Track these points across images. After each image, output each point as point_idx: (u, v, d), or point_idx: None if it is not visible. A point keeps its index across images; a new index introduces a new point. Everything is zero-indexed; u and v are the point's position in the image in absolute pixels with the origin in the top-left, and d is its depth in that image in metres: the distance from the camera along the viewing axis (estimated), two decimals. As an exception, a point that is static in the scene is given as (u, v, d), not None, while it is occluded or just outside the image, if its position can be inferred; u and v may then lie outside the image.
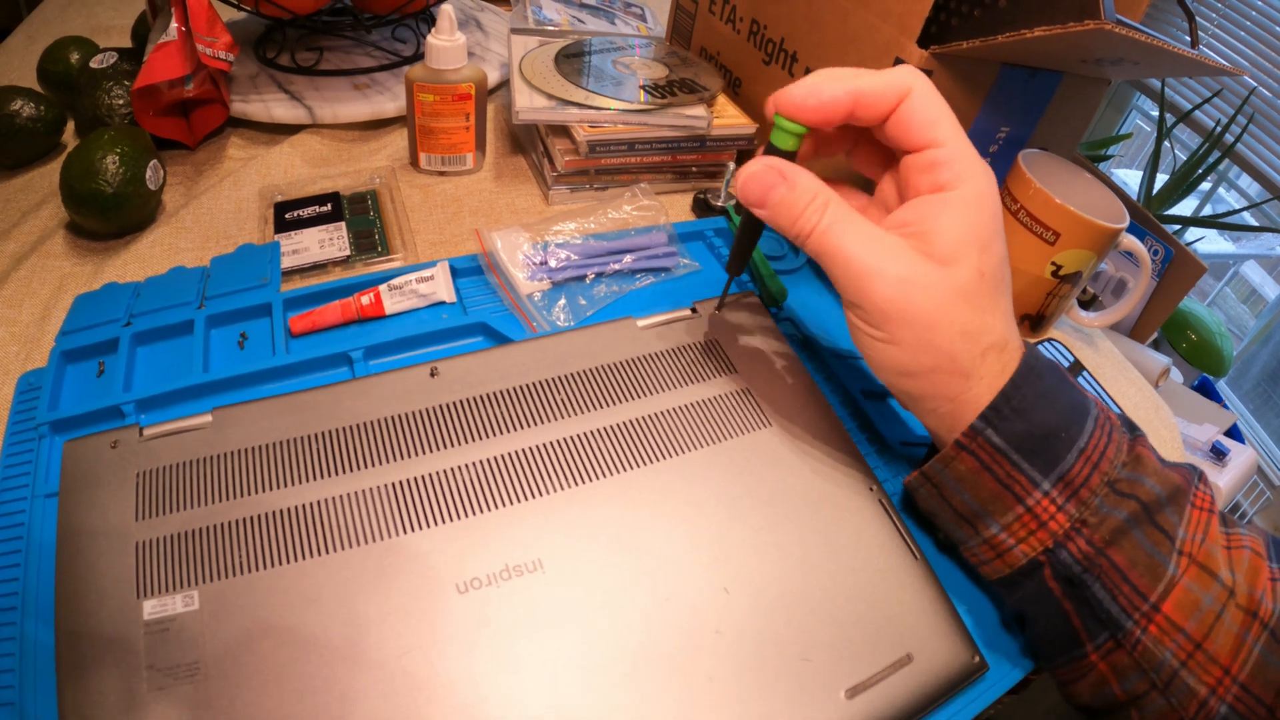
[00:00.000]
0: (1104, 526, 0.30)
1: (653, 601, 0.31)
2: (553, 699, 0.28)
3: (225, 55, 0.54)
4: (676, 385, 0.38)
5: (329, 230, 0.48)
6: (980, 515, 0.32)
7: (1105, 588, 0.30)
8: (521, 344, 0.39)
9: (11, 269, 0.48)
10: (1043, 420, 0.30)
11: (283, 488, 0.33)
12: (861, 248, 0.31)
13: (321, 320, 0.41)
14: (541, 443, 0.35)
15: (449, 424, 0.35)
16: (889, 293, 0.30)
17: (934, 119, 0.31)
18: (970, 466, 0.31)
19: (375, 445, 0.34)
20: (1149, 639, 0.29)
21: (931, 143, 0.31)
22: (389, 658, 0.29)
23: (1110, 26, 0.39)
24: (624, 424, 0.36)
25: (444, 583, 0.30)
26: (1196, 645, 0.29)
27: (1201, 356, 1.25)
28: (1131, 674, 0.30)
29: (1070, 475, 0.30)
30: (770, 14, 0.58)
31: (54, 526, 0.35)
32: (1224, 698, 0.29)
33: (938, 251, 0.30)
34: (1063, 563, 0.30)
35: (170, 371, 0.41)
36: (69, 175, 0.48)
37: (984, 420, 0.30)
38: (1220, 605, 0.29)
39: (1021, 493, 0.30)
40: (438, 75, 0.51)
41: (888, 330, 0.31)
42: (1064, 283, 0.50)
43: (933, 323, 0.30)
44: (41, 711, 0.29)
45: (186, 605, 0.30)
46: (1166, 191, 1.50)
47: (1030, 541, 0.31)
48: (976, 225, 0.30)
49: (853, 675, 0.30)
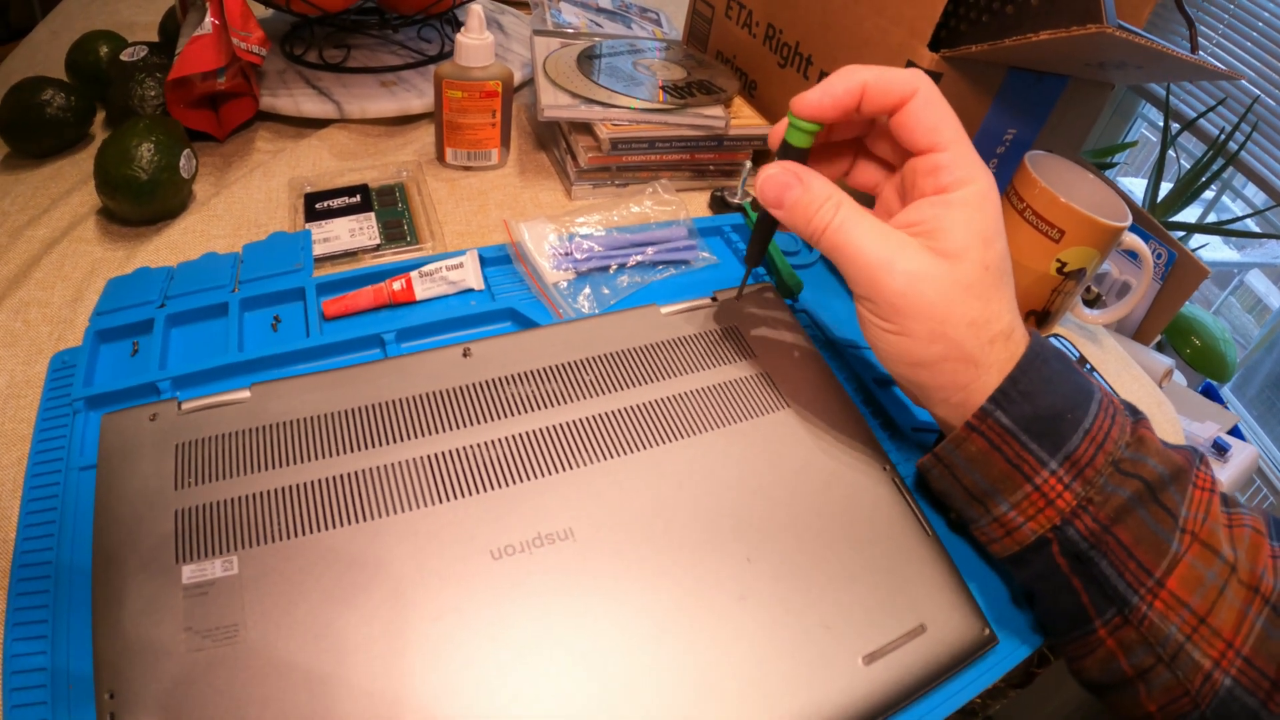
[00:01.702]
0: (1109, 505, 0.31)
1: (678, 569, 0.32)
2: (583, 661, 0.29)
3: (258, 50, 0.55)
4: (699, 368, 0.40)
5: (358, 220, 0.49)
6: (990, 494, 0.33)
7: (1112, 564, 0.31)
8: (551, 327, 0.41)
9: (43, 253, 0.49)
10: (1049, 403, 0.31)
11: (321, 459, 0.34)
12: (872, 243, 0.32)
13: (354, 304, 0.42)
14: (571, 420, 0.36)
15: (482, 401, 0.36)
16: (899, 286, 0.32)
17: (937, 123, 0.33)
18: (980, 447, 0.32)
19: (411, 420, 0.35)
20: (1155, 614, 0.30)
21: (934, 146, 0.33)
22: (426, 619, 0.29)
23: (1112, 30, 0.41)
24: (649, 403, 0.37)
25: (479, 549, 0.31)
26: (1201, 620, 0.30)
27: (1205, 362, 1.26)
28: (1138, 648, 0.31)
29: (1076, 455, 0.31)
30: (785, 18, 0.60)
31: (88, 498, 0.36)
32: (1228, 670, 0.30)
33: (944, 248, 0.32)
34: (1070, 539, 0.31)
35: (204, 352, 0.42)
36: (104, 161, 0.49)
37: (993, 403, 0.32)
38: (1223, 581, 0.30)
39: (1030, 472, 0.32)
40: (466, 72, 0.52)
41: (898, 322, 0.32)
42: (1069, 279, 0.52)
43: (942, 314, 0.31)
44: (77, 674, 0.30)
45: (226, 570, 0.31)
46: (1171, 199, 1.51)
47: (1039, 519, 0.32)
48: (980, 223, 0.32)
49: (870, 643, 0.31)
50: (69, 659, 0.31)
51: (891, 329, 0.33)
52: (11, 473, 0.38)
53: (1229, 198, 2.00)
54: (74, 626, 0.32)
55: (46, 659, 0.31)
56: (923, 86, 0.33)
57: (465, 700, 0.28)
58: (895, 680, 0.31)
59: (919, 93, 0.33)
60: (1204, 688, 0.30)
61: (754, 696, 0.29)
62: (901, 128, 0.33)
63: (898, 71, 0.33)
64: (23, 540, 0.34)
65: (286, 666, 0.28)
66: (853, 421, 0.39)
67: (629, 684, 0.29)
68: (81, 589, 0.33)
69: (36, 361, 0.43)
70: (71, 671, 0.31)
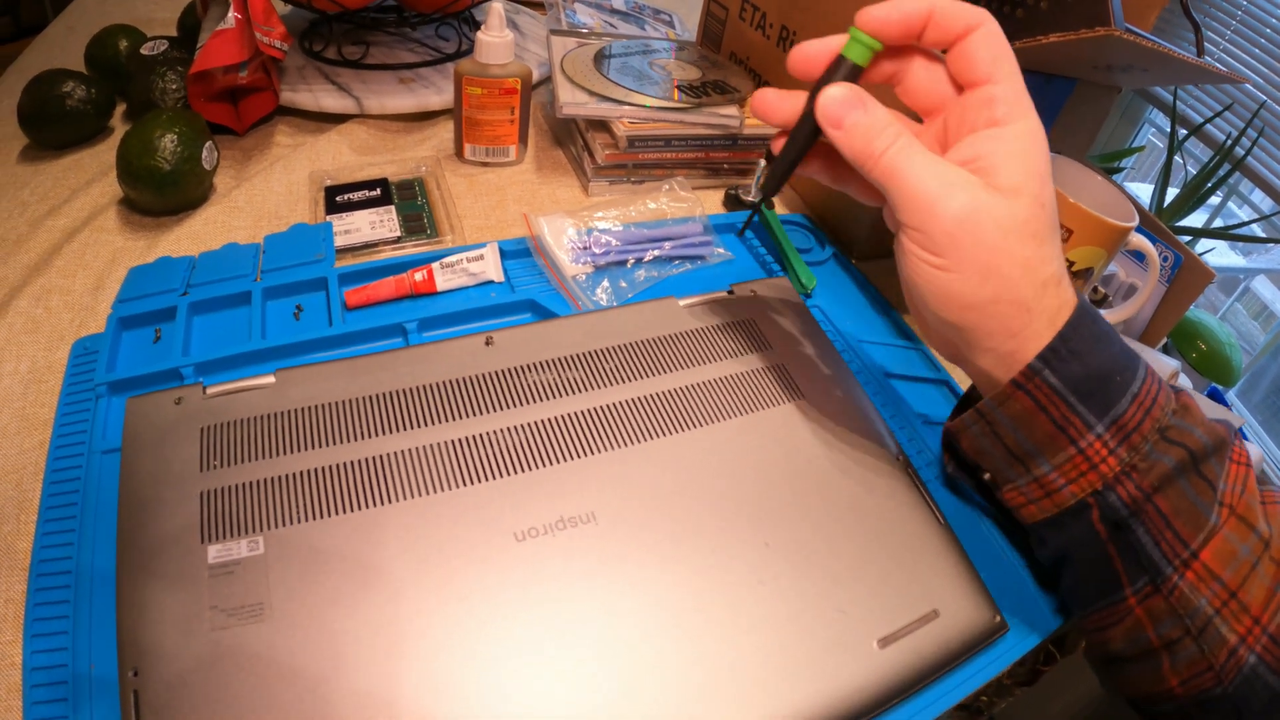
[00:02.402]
0: (1153, 472, 0.30)
1: (698, 552, 0.32)
2: (604, 640, 0.29)
3: (280, 44, 0.55)
4: (716, 359, 0.40)
5: (379, 213, 0.50)
6: (1033, 455, 0.32)
7: (1149, 532, 0.30)
8: (572, 318, 0.41)
9: (64, 241, 0.49)
10: (1099, 363, 0.31)
11: (346, 443, 0.34)
12: (929, 174, 0.31)
13: (376, 294, 0.43)
14: (592, 407, 0.37)
15: (504, 388, 0.37)
16: (956, 216, 0.30)
17: (997, 56, 0.31)
18: (1026, 406, 0.31)
19: (434, 406, 0.36)
20: (1186, 585, 0.30)
21: (991, 78, 0.31)
22: (451, 599, 0.30)
23: (1119, 33, 0.41)
24: (668, 392, 0.38)
25: (503, 531, 0.32)
26: (1231, 594, 0.30)
27: (1211, 366, 1.26)
28: (1167, 619, 0.30)
29: (1124, 420, 0.30)
30: (799, 21, 0.60)
31: (110, 481, 0.36)
32: (1253, 647, 0.29)
33: (1002, 183, 0.30)
34: (1111, 506, 0.31)
35: (227, 339, 0.42)
36: (127, 152, 0.49)
37: (1042, 360, 0.31)
38: (1256, 556, 0.30)
39: (1075, 435, 0.31)
40: (485, 69, 0.53)
41: (950, 257, 0.31)
42: (1076, 279, 0.52)
43: (997, 250, 0.30)
44: (99, 653, 0.30)
45: (252, 550, 0.31)
46: (1177, 204, 1.51)
47: (1080, 483, 0.31)
48: (1035, 158, 0.31)
49: (884, 627, 0.32)
50: (91, 639, 0.31)
51: (941, 264, 0.31)
52: (33, 456, 0.38)
53: (1234, 203, 2.01)
54: (96, 606, 0.32)
55: (68, 639, 0.31)
56: (988, 20, 0.32)
57: (491, 678, 0.28)
58: (909, 664, 0.31)
59: (984, 24, 0.32)
60: (1229, 663, 0.30)
61: (773, 678, 0.29)
62: (962, 57, 0.32)
63: (964, 5, 0.32)
64: (44, 522, 0.35)
65: (312, 644, 0.28)
66: (866, 412, 0.39)
67: (649, 664, 0.29)
68: (104, 569, 0.33)
69: (58, 348, 0.43)
70: (94, 650, 0.31)
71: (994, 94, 0.31)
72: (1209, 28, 1.90)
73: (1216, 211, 2.00)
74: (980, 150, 0.31)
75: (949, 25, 0.32)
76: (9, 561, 0.34)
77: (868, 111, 0.32)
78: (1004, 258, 0.30)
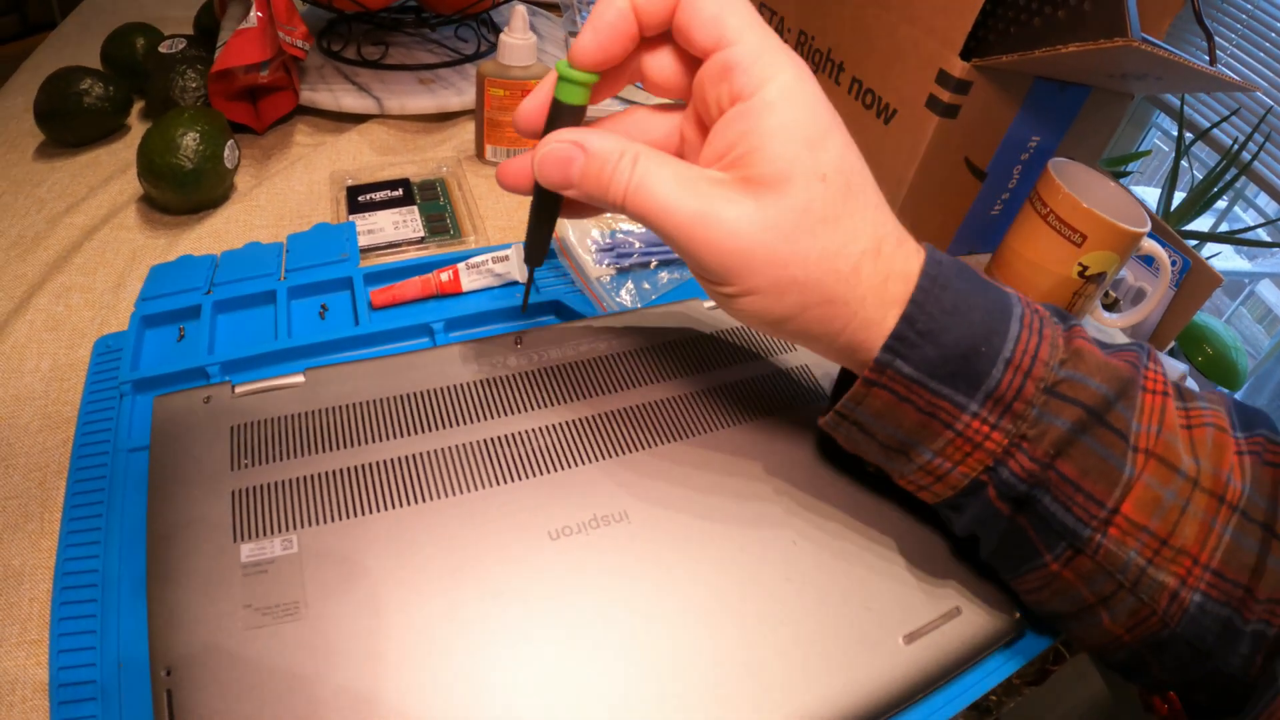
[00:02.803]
0: (1047, 438, 0.27)
1: (728, 550, 0.32)
2: (636, 637, 0.29)
3: (302, 44, 0.55)
4: (743, 360, 0.40)
5: (401, 213, 0.50)
6: (910, 445, 0.29)
7: (1057, 500, 0.27)
8: (600, 318, 0.41)
9: (84, 239, 0.49)
10: (957, 339, 0.27)
11: (378, 442, 0.34)
12: (679, 197, 0.26)
13: (402, 294, 0.43)
14: (622, 408, 0.37)
15: (535, 388, 0.37)
16: (721, 243, 0.26)
17: (719, 13, 0.26)
18: (886, 401, 0.28)
19: (466, 406, 0.36)
20: (1111, 541, 0.27)
21: (720, 42, 0.26)
22: (486, 597, 0.30)
23: (1138, 44, 0.42)
24: (696, 393, 0.38)
25: (537, 530, 0.32)
26: (1162, 541, 0.27)
27: (1216, 370, 1.26)
28: (1098, 576, 0.28)
29: (999, 391, 0.27)
30: (818, 25, 0.60)
31: (136, 479, 0.36)
32: (1196, 586, 0.27)
33: (765, 173, 0.26)
34: (1005, 482, 0.28)
35: (252, 338, 0.42)
36: (148, 149, 0.49)
37: (889, 352, 0.27)
38: (1184, 498, 0.27)
39: (948, 419, 0.27)
40: (507, 71, 0.53)
41: (739, 283, 0.27)
42: (1089, 283, 0.53)
43: (784, 258, 0.26)
44: (127, 653, 0.30)
45: (286, 548, 0.31)
46: (1184, 208, 1.52)
47: (968, 463, 0.28)
48: (796, 125, 0.26)
49: (909, 623, 0.32)
50: (119, 637, 0.31)
51: (734, 290, 0.27)
52: (56, 454, 0.38)
53: (1240, 208, 2.03)
54: (124, 604, 0.32)
55: (96, 638, 0.31)
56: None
57: (525, 676, 0.28)
58: (933, 659, 0.31)
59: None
60: (1171, 607, 0.27)
61: (802, 673, 0.30)
62: (680, 31, 0.27)
63: None
64: (70, 520, 0.34)
65: (347, 643, 0.28)
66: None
67: (680, 659, 0.29)
68: (131, 568, 0.33)
69: (79, 346, 0.43)
70: (122, 650, 0.31)
71: (729, 60, 0.26)
72: (1216, 34, 1.92)
73: (1223, 216, 2.01)
74: (732, 135, 0.27)
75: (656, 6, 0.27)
76: (34, 560, 0.34)
77: (590, 154, 0.28)
78: (795, 261, 0.26)
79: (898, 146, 0.54)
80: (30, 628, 0.32)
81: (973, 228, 0.60)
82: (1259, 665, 0.27)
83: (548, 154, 0.29)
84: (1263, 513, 0.28)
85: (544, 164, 0.29)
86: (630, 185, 0.27)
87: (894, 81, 0.53)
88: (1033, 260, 0.54)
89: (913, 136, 0.52)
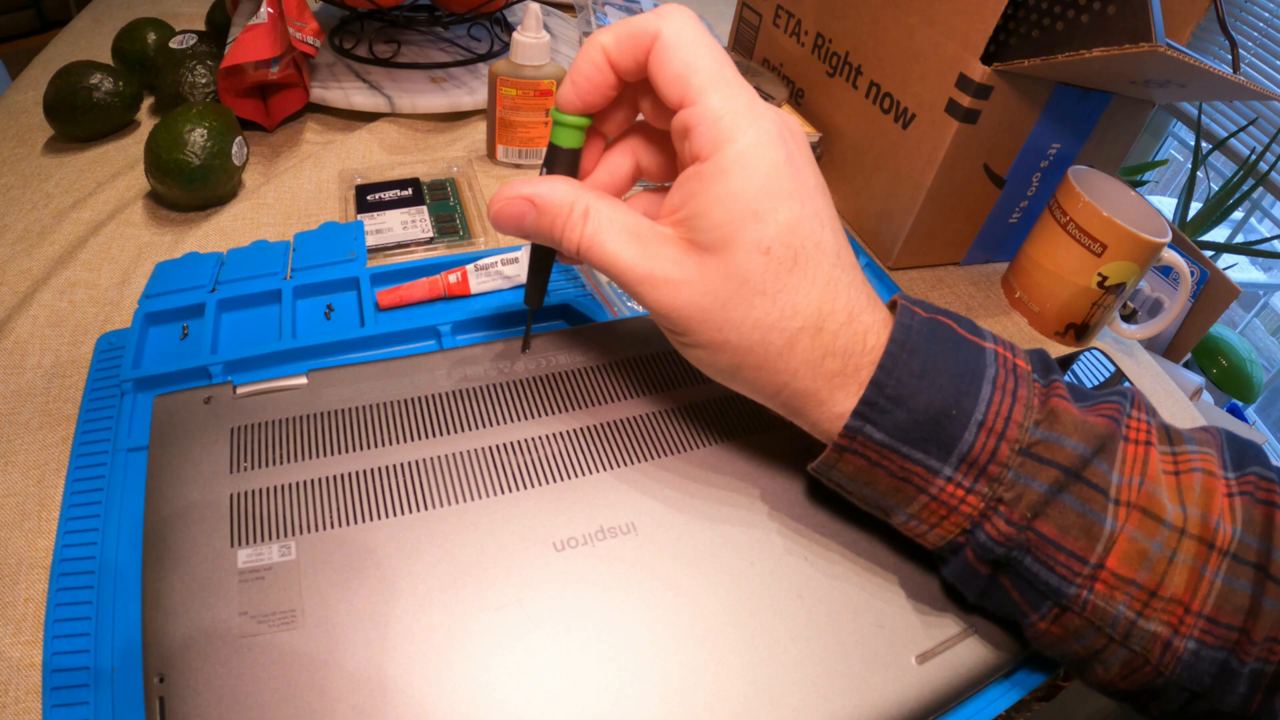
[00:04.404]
0: (1023, 501, 0.27)
1: (738, 565, 0.32)
2: (643, 652, 0.29)
3: (313, 41, 0.55)
4: (760, 373, 0.39)
5: (410, 213, 0.49)
6: (887, 507, 0.29)
7: (1039, 560, 0.27)
8: (610, 324, 0.40)
9: (90, 235, 0.49)
10: (927, 402, 0.27)
11: (381, 447, 0.33)
12: (628, 254, 0.27)
13: (409, 296, 0.42)
14: (632, 416, 0.36)
15: (542, 394, 0.36)
16: (666, 300, 0.27)
17: (683, 71, 0.26)
18: (858, 465, 0.28)
19: (472, 411, 0.35)
20: (1098, 597, 0.27)
21: (681, 100, 0.26)
22: (488, 608, 0.29)
23: (1163, 49, 0.41)
24: (707, 402, 0.37)
25: (541, 540, 0.31)
26: (1151, 593, 0.27)
27: (1232, 382, 1.25)
28: (1086, 632, 0.28)
29: (972, 454, 0.27)
30: (835, 28, 0.59)
31: (135, 479, 0.35)
32: (1189, 634, 0.27)
33: (707, 240, 0.26)
34: (982, 545, 0.28)
35: (256, 338, 0.41)
36: (156, 145, 0.49)
37: (859, 418, 0.27)
38: (1170, 548, 0.27)
39: (922, 483, 0.27)
40: (520, 70, 0.52)
41: (685, 335, 0.28)
42: (1109, 293, 0.52)
43: (719, 323, 0.27)
44: (121, 657, 0.30)
45: (283, 555, 0.30)
46: (1200, 218, 1.51)
47: (944, 526, 0.28)
48: (744, 195, 0.26)
49: (922, 643, 0.31)
50: (113, 641, 0.30)
51: (685, 341, 0.28)
52: (55, 452, 0.37)
53: (1256, 218, 2.01)
54: (119, 607, 0.31)
55: (90, 640, 0.30)
56: (665, 28, 0.26)
57: (526, 689, 0.27)
58: (946, 680, 0.30)
59: (660, 36, 0.26)
60: (1165, 656, 0.27)
61: (813, 692, 0.29)
62: (652, 82, 0.27)
63: (639, 18, 0.27)
64: (67, 520, 0.34)
65: (345, 653, 0.28)
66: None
67: (688, 676, 0.28)
68: (128, 569, 0.32)
69: (82, 342, 0.43)
70: (116, 654, 0.30)
71: (688, 119, 0.26)
72: (1238, 42, 1.91)
73: (1239, 226, 1.99)
74: (685, 194, 0.27)
75: (631, 54, 0.27)
76: (30, 559, 0.33)
77: (541, 209, 0.29)
78: (726, 330, 0.27)
79: (916, 151, 0.53)
80: (25, 627, 0.31)
81: (991, 235, 0.59)
82: (1258, 703, 0.27)
83: (500, 209, 0.30)
84: (1255, 553, 0.27)
85: (498, 218, 0.30)
86: (583, 239, 0.28)
87: (913, 85, 0.52)
88: (1051, 270, 0.53)
89: (931, 142, 0.51)
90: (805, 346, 0.27)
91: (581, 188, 0.29)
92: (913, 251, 0.57)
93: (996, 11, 0.46)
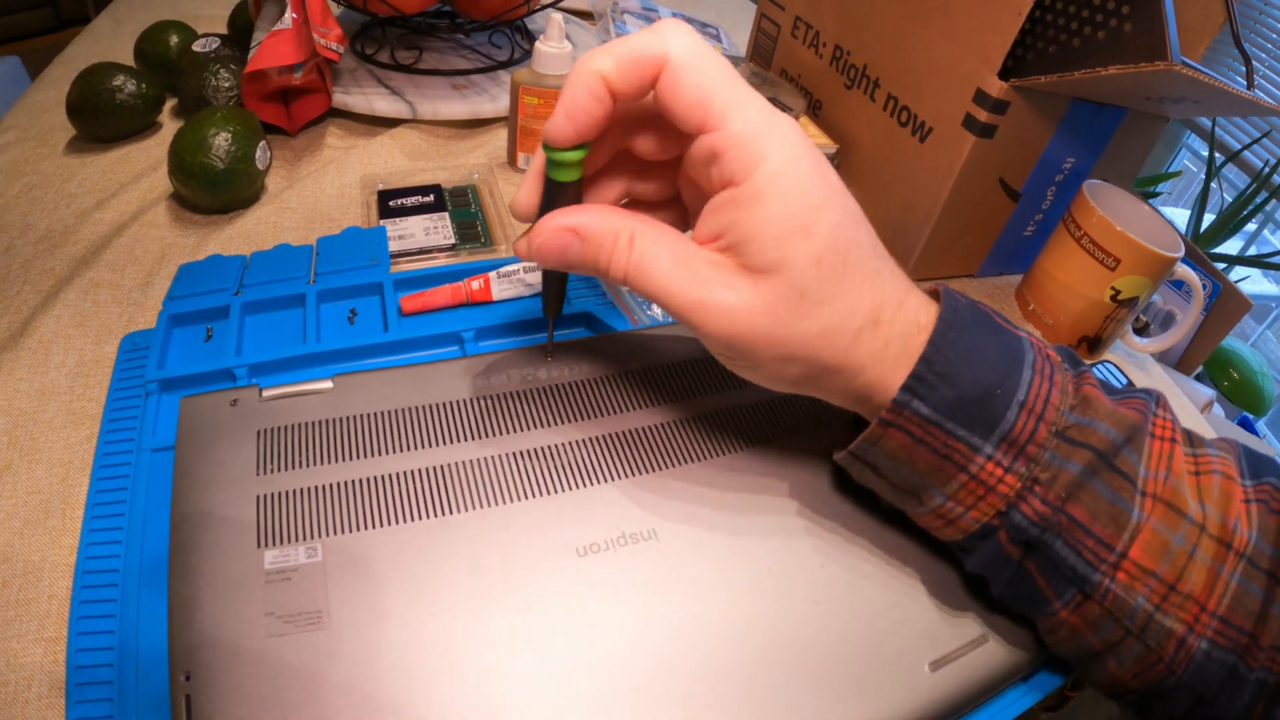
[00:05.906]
0: (1059, 482, 0.27)
1: (756, 572, 0.32)
2: (663, 656, 0.29)
3: (336, 46, 0.55)
4: (777, 381, 0.39)
5: (433, 219, 0.49)
6: (923, 487, 0.29)
7: (1068, 544, 0.28)
8: (631, 332, 0.40)
9: (113, 235, 0.49)
10: (973, 380, 0.27)
11: (407, 452, 0.33)
12: (678, 281, 0.27)
13: (432, 301, 0.42)
14: (654, 423, 0.36)
15: (565, 402, 0.36)
16: (723, 326, 0.27)
17: (701, 96, 0.25)
18: (901, 442, 0.28)
19: (495, 417, 0.35)
20: (1119, 586, 0.27)
21: (704, 125, 0.26)
22: (512, 612, 0.29)
23: (1179, 68, 0.41)
24: (727, 409, 0.37)
25: (565, 546, 0.31)
26: (1170, 587, 0.27)
27: (1243, 395, 1.25)
28: (1105, 623, 0.28)
29: (1013, 434, 0.27)
30: (854, 41, 0.60)
31: (160, 479, 0.35)
32: (1203, 634, 0.27)
33: (758, 262, 0.26)
34: (1017, 526, 0.28)
35: (280, 341, 0.41)
36: (180, 148, 0.49)
37: (908, 392, 0.27)
38: (1191, 544, 0.28)
39: (963, 460, 0.28)
40: (542, 79, 0.53)
41: (744, 357, 0.28)
42: (1121, 307, 0.52)
43: (782, 339, 0.27)
44: (145, 656, 0.30)
45: (310, 556, 0.30)
46: (1213, 231, 1.51)
47: (980, 507, 0.28)
48: (787, 216, 0.26)
49: (935, 650, 0.31)
50: (138, 639, 0.31)
51: (742, 364, 0.29)
52: (80, 451, 0.38)
53: (1269, 230, 2.01)
54: (144, 606, 0.31)
55: (114, 639, 0.31)
56: (674, 50, 0.25)
57: (550, 692, 0.27)
58: (958, 687, 0.31)
59: (670, 59, 0.25)
60: (1178, 654, 0.27)
61: (827, 697, 0.29)
62: (664, 107, 0.26)
63: (639, 39, 0.26)
64: (91, 519, 0.34)
65: (370, 655, 0.28)
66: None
67: (706, 679, 0.29)
68: (152, 569, 0.32)
69: (106, 342, 0.43)
70: (140, 653, 0.30)
71: (715, 146, 0.26)
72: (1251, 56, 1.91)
73: (1252, 239, 1.99)
74: (724, 223, 0.27)
75: (636, 80, 0.26)
76: (54, 557, 0.33)
77: (585, 239, 0.28)
78: (791, 341, 0.27)
79: (933, 165, 0.53)
80: (49, 624, 0.31)
81: (1005, 248, 0.59)
82: (1259, 713, 0.27)
83: (544, 242, 0.29)
84: (1268, 560, 0.28)
85: (541, 251, 0.29)
86: (629, 267, 0.28)
87: (930, 99, 0.53)
88: (1065, 283, 0.54)
89: (948, 155, 0.52)
90: (868, 339, 0.27)
91: (624, 214, 0.29)
92: (928, 264, 0.57)
93: (1014, 27, 0.46)
